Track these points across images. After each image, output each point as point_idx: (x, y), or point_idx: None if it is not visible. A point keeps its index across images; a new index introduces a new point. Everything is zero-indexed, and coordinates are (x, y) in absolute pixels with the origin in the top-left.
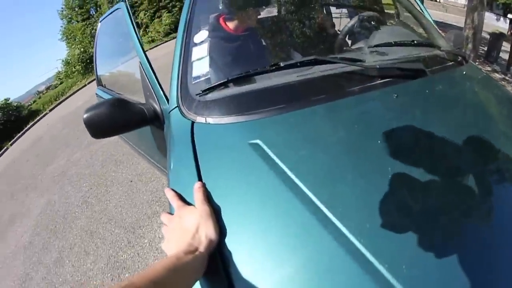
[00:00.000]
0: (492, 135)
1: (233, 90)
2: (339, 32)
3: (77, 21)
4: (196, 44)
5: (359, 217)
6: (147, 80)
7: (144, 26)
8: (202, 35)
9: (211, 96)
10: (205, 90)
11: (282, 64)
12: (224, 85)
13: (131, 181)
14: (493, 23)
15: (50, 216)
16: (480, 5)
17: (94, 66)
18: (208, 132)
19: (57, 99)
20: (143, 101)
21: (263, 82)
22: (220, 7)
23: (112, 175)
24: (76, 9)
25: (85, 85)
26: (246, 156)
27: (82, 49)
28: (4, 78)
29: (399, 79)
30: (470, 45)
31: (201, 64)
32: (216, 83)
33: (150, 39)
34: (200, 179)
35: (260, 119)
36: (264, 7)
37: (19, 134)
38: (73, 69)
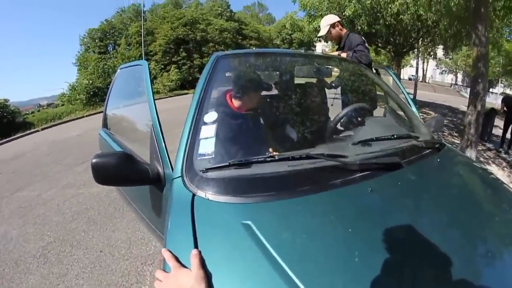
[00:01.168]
0: (462, 218)
1: (232, 172)
2: (331, 119)
3: (94, 52)
4: (205, 123)
5: None
6: (156, 144)
7: (153, 76)
8: (212, 116)
9: (212, 174)
10: (208, 169)
11: (276, 157)
12: (226, 167)
13: (101, 252)
14: None
15: (1, 254)
16: (482, 91)
17: (104, 107)
18: (207, 207)
19: (53, 120)
20: (146, 156)
21: (259, 168)
22: (230, 85)
23: (82, 235)
24: (96, 40)
25: (83, 117)
26: (239, 234)
27: (90, 81)
28: (14, 79)
29: (378, 172)
30: (472, 130)
31: (207, 144)
32: (219, 165)
33: (155, 90)
34: (196, 246)
35: (253, 203)
36: (267, 93)
37: (4, 140)
38: (77, 97)
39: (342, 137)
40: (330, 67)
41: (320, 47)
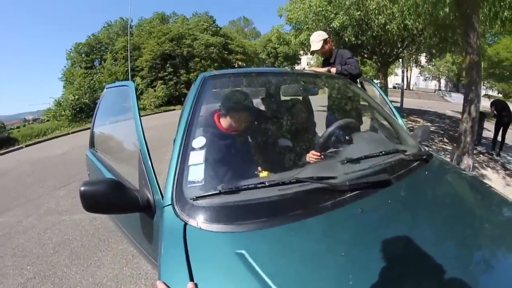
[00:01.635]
0: (456, 229)
1: (223, 199)
2: (319, 135)
3: (80, 67)
4: (194, 149)
5: None
6: (144, 169)
7: (139, 92)
8: (200, 141)
9: (203, 202)
10: (199, 197)
11: (266, 183)
12: (216, 195)
13: None
14: (461, 102)
15: None
16: (476, 98)
17: (91, 127)
18: (200, 236)
19: (38, 136)
20: (134, 180)
21: (249, 194)
22: (218, 105)
23: (64, 270)
24: (83, 55)
25: (68, 134)
26: (233, 263)
27: (76, 97)
28: (3, 91)
29: (368, 191)
30: (468, 138)
31: (197, 170)
32: (209, 193)
33: (141, 106)
34: (191, 278)
35: (245, 231)
36: (254, 113)
37: None
38: (63, 112)
39: (331, 155)
40: (317, 84)
41: (305, 60)
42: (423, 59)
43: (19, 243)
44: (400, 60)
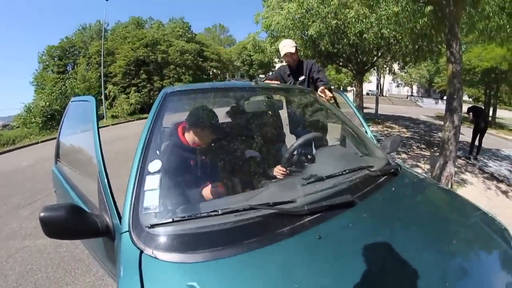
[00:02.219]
0: (423, 246)
1: (177, 228)
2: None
3: (52, 71)
4: (150, 173)
5: None
6: (103, 194)
7: (111, 98)
8: (156, 165)
9: (158, 230)
10: (153, 225)
11: (220, 211)
12: (170, 223)
13: None
14: (433, 106)
15: None
16: (459, 106)
17: (56, 142)
18: (154, 266)
19: (6, 145)
20: (96, 201)
21: (204, 221)
22: (184, 118)
23: None
24: (55, 59)
25: (38, 143)
26: None
27: (48, 103)
28: None
29: (329, 213)
30: (451, 146)
31: (152, 196)
32: (163, 222)
33: (114, 113)
34: None
35: (199, 262)
36: (218, 131)
37: None
38: (33, 120)
39: (296, 170)
40: (282, 98)
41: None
42: (396, 66)
43: None
44: (375, 68)
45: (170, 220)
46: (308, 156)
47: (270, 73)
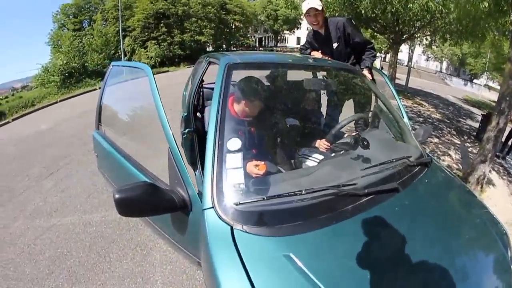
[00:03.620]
0: (454, 230)
1: (265, 205)
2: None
3: (68, 29)
4: (229, 151)
5: None
6: (177, 169)
7: (129, 53)
8: (235, 143)
9: (246, 207)
10: (242, 202)
11: (304, 192)
12: (260, 200)
13: None
14: (461, 87)
15: None
16: (508, 108)
17: (98, 107)
18: (249, 241)
19: (25, 108)
20: (154, 169)
21: (288, 200)
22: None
23: None
24: (71, 16)
25: (57, 102)
26: (283, 265)
27: (65, 61)
28: None
29: (381, 197)
30: (490, 146)
31: (237, 174)
32: (253, 200)
33: None
34: (250, 282)
35: (289, 235)
36: (269, 102)
37: None
38: (50, 79)
39: (339, 147)
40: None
41: (305, 26)
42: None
43: (9, 258)
44: (412, 39)
45: (258, 198)
46: (356, 139)
47: (296, 30)
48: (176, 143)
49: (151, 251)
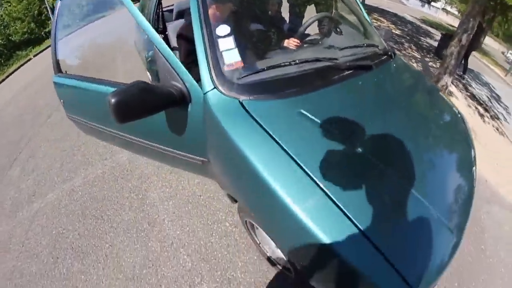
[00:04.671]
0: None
1: (265, 75)
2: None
3: None
4: (219, 36)
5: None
6: (168, 63)
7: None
8: (224, 29)
9: (247, 80)
10: (243, 76)
11: (297, 61)
12: (260, 72)
13: None
14: (418, 8)
15: None
16: (471, 29)
17: (53, 48)
18: (261, 107)
19: None
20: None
21: (284, 70)
22: None
23: None
24: None
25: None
26: (299, 120)
27: None
28: None
29: (359, 71)
30: (453, 61)
31: (232, 54)
32: (254, 72)
33: None
34: (276, 142)
35: (294, 97)
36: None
37: None
38: None
39: (309, 42)
40: None
41: None
42: None
43: (10, 266)
44: None
45: (260, 69)
46: (330, 26)
47: None
48: (162, 40)
49: (147, 193)
